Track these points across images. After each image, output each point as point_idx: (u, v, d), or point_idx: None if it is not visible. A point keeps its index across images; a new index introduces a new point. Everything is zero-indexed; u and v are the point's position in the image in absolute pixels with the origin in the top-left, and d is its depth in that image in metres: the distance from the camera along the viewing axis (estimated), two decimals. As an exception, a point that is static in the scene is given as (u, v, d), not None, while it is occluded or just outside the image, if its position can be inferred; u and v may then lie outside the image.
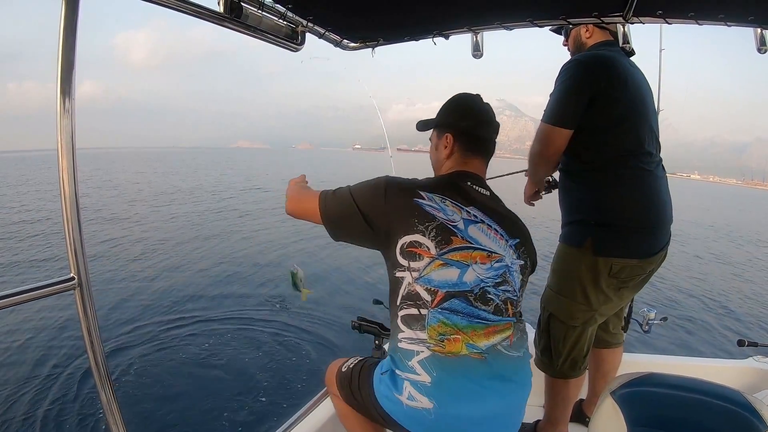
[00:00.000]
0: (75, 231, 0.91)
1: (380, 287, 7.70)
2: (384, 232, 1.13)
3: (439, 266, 1.09)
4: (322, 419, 1.84)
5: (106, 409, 1.00)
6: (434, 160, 1.36)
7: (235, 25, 1.34)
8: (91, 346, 0.96)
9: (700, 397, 0.98)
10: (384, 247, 1.15)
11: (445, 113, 1.34)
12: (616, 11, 1.37)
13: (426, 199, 1.14)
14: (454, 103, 1.35)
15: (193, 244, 11.77)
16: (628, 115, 1.58)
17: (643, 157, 1.59)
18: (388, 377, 1.14)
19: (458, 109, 1.33)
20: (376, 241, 1.17)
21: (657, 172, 1.63)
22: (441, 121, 1.33)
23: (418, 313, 1.09)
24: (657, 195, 1.61)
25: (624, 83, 1.57)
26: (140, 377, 4.71)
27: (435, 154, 1.35)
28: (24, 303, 0.87)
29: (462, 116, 1.32)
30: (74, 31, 0.86)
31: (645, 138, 1.60)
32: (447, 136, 1.29)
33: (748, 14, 1.25)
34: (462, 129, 1.31)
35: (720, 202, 46.16)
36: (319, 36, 1.62)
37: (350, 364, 1.36)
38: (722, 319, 7.15)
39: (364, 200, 1.16)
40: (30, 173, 40.20)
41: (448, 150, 1.30)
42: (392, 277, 1.14)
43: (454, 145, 1.30)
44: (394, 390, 1.10)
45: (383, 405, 1.14)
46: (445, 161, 1.31)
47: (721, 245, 15.62)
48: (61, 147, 0.87)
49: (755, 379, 2.33)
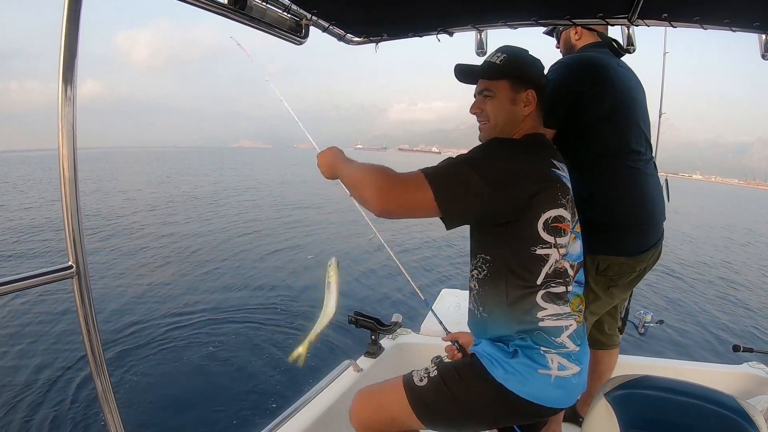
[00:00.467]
0: (74, 219, 0.91)
1: (377, 281, 7.71)
2: (521, 208, 1.03)
3: (574, 240, 1.13)
4: (314, 415, 1.85)
5: (101, 397, 1.00)
6: (503, 116, 1.18)
7: (239, 16, 1.33)
8: (88, 335, 0.96)
9: (694, 401, 0.98)
10: (514, 222, 1.05)
11: (524, 66, 1.19)
12: (621, 13, 1.37)
13: (560, 169, 1.11)
14: (534, 59, 1.21)
15: (192, 239, 11.80)
16: (612, 115, 1.58)
17: (630, 155, 1.60)
18: (523, 358, 1.08)
19: (542, 67, 1.22)
20: (502, 218, 1.05)
21: (646, 170, 1.63)
22: (521, 74, 1.18)
23: (565, 289, 1.10)
24: (645, 192, 1.62)
25: (610, 83, 1.57)
26: (136, 366, 4.73)
27: (506, 109, 1.17)
28: (22, 290, 0.87)
29: (545, 76, 1.23)
30: (77, 19, 0.86)
31: (631, 137, 1.60)
32: (530, 91, 1.16)
33: (754, 20, 1.25)
34: (543, 87, 1.20)
35: (718, 202, 46.27)
36: (323, 30, 1.62)
37: (424, 377, 1.18)
38: (718, 324, 7.16)
39: (494, 176, 1.01)
40: (38, 174, 40.13)
41: (530, 108, 1.17)
42: (530, 254, 1.06)
43: (537, 103, 1.18)
44: (538, 366, 1.07)
45: (521, 389, 1.07)
46: (522, 120, 1.18)
47: (718, 248, 15.62)
48: (62, 135, 0.87)
49: (749, 385, 2.33)
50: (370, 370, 2.27)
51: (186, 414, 3.98)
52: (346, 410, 1.25)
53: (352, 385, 2.10)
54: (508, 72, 1.16)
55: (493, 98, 1.18)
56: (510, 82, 1.16)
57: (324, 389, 2.01)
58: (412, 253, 10.52)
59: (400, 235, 12.18)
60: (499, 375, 1.08)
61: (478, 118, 1.22)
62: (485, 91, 1.19)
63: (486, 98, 1.19)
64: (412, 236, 12.25)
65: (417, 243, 11.62)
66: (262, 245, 10.95)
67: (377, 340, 2.41)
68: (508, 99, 1.17)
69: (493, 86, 1.18)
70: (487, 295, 1.15)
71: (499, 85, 1.17)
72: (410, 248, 11.05)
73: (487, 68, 1.19)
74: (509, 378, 1.07)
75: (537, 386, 1.07)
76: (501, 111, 1.17)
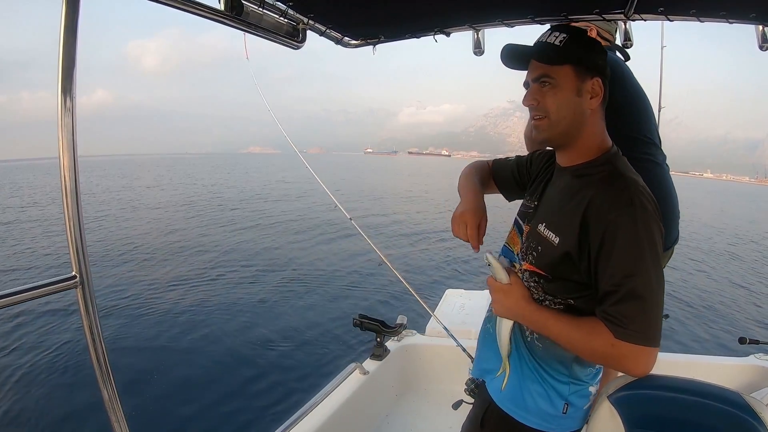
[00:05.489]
0: (76, 229, 0.92)
1: (381, 283, 7.70)
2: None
3: None
4: (322, 418, 1.84)
5: (108, 407, 1.00)
6: (567, 110, 0.97)
7: (236, 23, 1.33)
8: (93, 344, 0.96)
9: (699, 399, 0.97)
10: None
11: (590, 48, 0.99)
12: (618, 8, 1.36)
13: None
14: (598, 43, 1.02)
15: (195, 244, 11.81)
16: (629, 104, 1.57)
17: (649, 146, 1.59)
18: (576, 411, 1.05)
19: (605, 52, 1.02)
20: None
21: (665, 166, 1.64)
22: (587, 58, 0.97)
23: None
24: (669, 188, 1.62)
25: (624, 76, 1.58)
26: (142, 374, 4.73)
27: (571, 101, 0.96)
28: (26, 302, 0.87)
29: (607, 63, 1.02)
30: (75, 29, 0.86)
31: (651, 128, 1.60)
32: (596, 80, 0.97)
33: (750, 11, 1.25)
34: (607, 77, 1.01)
35: (725, 199, 46.14)
36: (320, 33, 1.62)
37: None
38: (724, 317, 7.15)
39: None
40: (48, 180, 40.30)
41: (597, 100, 0.98)
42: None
43: (603, 96, 0.99)
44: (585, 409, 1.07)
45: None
46: (590, 116, 0.99)
47: (724, 242, 15.59)
48: (63, 145, 0.87)
49: (756, 377, 2.32)
50: (376, 372, 2.27)
51: (193, 420, 3.98)
52: (353, 413, 1.25)
53: (358, 388, 2.10)
54: (572, 55, 0.96)
55: (553, 87, 0.96)
56: (574, 67, 0.96)
57: (331, 393, 2.01)
58: (415, 256, 10.52)
59: (405, 248, 12.18)
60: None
61: (533, 112, 1.01)
62: (543, 78, 0.97)
63: (544, 87, 0.98)
64: (414, 246, 12.25)
65: (418, 243, 11.61)
66: (271, 252, 10.96)
67: (383, 343, 2.41)
68: (572, 89, 0.96)
69: (553, 72, 0.96)
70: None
71: (561, 71, 0.96)
72: (412, 251, 11.04)
73: (545, 49, 0.98)
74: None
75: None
76: (565, 104, 0.96)
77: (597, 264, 0.90)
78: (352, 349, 5.19)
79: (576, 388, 1.02)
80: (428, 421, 2.31)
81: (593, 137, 1.01)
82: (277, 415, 3.83)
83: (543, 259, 1.00)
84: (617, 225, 0.88)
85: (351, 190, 30.24)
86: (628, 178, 0.94)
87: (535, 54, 1.00)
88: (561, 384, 1.01)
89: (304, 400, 1.95)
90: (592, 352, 0.93)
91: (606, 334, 0.88)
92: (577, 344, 0.94)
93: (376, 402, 2.31)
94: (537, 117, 1.00)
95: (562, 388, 1.02)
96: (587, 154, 1.01)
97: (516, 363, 1.07)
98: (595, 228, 0.90)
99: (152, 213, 18.40)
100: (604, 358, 0.93)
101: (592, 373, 1.05)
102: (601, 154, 1.00)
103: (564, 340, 0.95)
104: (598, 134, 1.01)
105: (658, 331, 0.88)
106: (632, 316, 0.86)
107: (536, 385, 1.03)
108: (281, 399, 4.28)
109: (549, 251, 0.98)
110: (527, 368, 1.05)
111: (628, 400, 0.99)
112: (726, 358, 2.54)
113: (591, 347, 0.92)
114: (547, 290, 1.00)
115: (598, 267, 0.90)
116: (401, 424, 2.29)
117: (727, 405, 0.94)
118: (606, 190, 0.92)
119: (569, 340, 0.94)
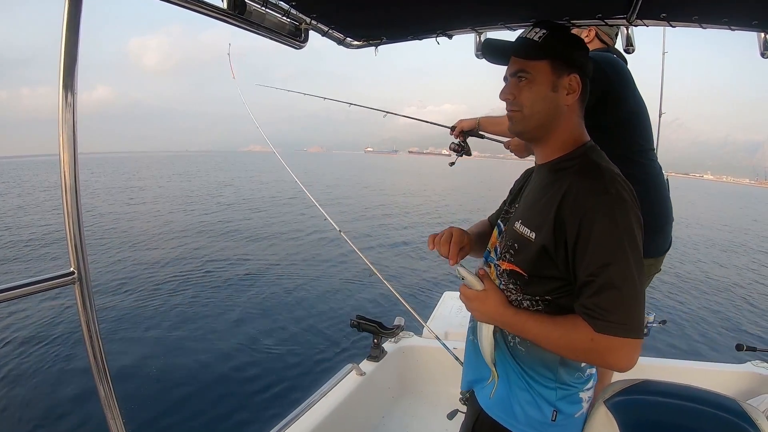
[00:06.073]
0: (75, 225, 0.91)
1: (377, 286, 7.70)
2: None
3: None
4: (318, 419, 1.84)
5: (104, 403, 1.00)
6: (541, 105, 0.97)
7: (239, 21, 1.33)
8: (90, 341, 0.96)
9: (696, 406, 0.97)
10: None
11: (569, 44, 0.99)
12: (620, 13, 1.36)
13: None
14: (578, 39, 1.03)
15: (195, 242, 11.80)
16: (636, 112, 1.61)
17: (649, 153, 1.63)
18: (564, 419, 1.03)
19: (586, 48, 1.03)
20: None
21: (659, 169, 1.66)
22: (565, 53, 0.98)
23: None
24: (663, 191, 1.63)
25: (630, 83, 1.61)
26: (139, 371, 4.72)
27: (545, 96, 0.97)
28: (24, 297, 0.87)
29: (589, 60, 1.02)
30: (77, 25, 0.86)
31: (650, 136, 1.64)
32: (574, 75, 0.97)
33: (752, 18, 1.25)
34: (588, 74, 1.00)
35: (723, 200, 46.16)
36: (323, 34, 1.62)
37: None
38: (721, 323, 7.14)
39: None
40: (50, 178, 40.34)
41: (574, 96, 0.98)
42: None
43: (581, 92, 0.99)
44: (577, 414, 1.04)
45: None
46: (566, 111, 0.99)
47: (721, 247, 15.59)
48: (63, 140, 0.87)
49: (753, 384, 2.32)
50: (373, 373, 2.27)
51: (189, 419, 3.98)
52: (349, 414, 1.25)
53: (355, 388, 2.09)
54: (550, 50, 0.96)
55: (529, 82, 0.97)
56: (551, 63, 0.96)
57: (327, 393, 2.01)
58: (412, 259, 10.52)
59: (395, 258, 12.17)
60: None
61: (509, 105, 1.02)
62: (520, 73, 0.98)
63: (520, 82, 0.98)
64: (403, 255, 12.24)
65: (411, 247, 11.61)
66: (270, 251, 10.96)
67: (380, 344, 2.41)
68: (548, 84, 0.96)
69: (530, 67, 0.97)
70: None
71: (537, 66, 0.96)
72: (410, 256, 11.05)
73: (523, 45, 0.99)
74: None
75: None
76: (539, 98, 0.97)
77: (574, 256, 0.88)
78: (349, 349, 5.19)
79: (564, 393, 0.99)
80: (424, 423, 2.30)
81: (569, 132, 1.00)
82: (274, 414, 3.82)
83: (520, 255, 0.98)
84: (593, 214, 0.86)
85: (351, 189, 30.19)
86: (603, 168, 0.93)
87: (513, 49, 1.01)
88: (548, 389, 0.99)
89: (300, 399, 1.95)
90: (573, 349, 0.90)
91: (585, 328, 0.85)
92: (558, 343, 0.91)
93: (372, 403, 2.30)
94: (512, 110, 1.01)
95: (549, 393, 0.99)
96: (563, 149, 1.00)
97: (503, 370, 1.05)
98: (570, 219, 0.88)
99: (151, 212, 18.37)
100: (586, 355, 0.90)
101: (582, 378, 1.01)
102: (576, 147, 1.00)
103: (544, 340, 0.93)
104: (574, 129, 1.01)
105: (640, 323, 0.85)
106: (611, 307, 0.83)
107: (524, 393, 1.01)
108: (278, 398, 4.28)
109: (526, 248, 0.97)
110: (514, 375, 1.03)
111: (624, 405, 0.99)
112: (723, 365, 2.54)
113: (571, 344, 0.89)
114: (526, 290, 0.98)
115: (576, 259, 0.88)
116: (397, 426, 2.29)
117: (723, 412, 0.94)
118: (581, 181, 0.91)
119: (549, 340, 0.92)
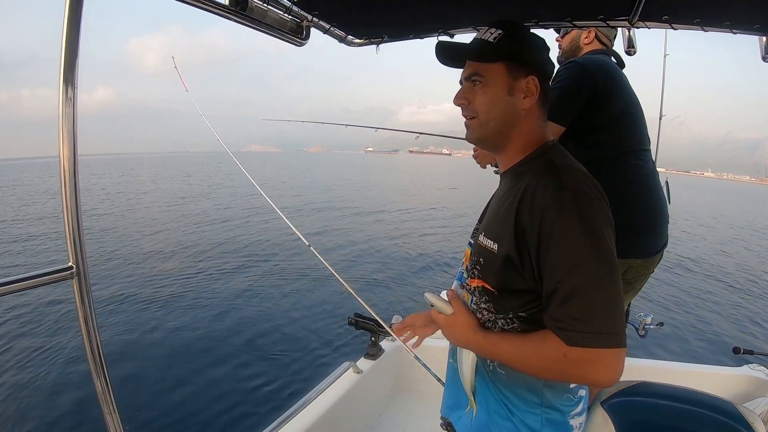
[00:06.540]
0: (74, 220, 0.91)
1: (374, 284, 7.70)
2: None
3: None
4: (314, 416, 1.84)
5: (101, 398, 1.00)
6: (497, 110, 0.92)
7: (240, 18, 1.33)
8: (88, 335, 0.96)
9: (693, 408, 0.97)
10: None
11: (526, 45, 0.93)
12: (622, 15, 1.36)
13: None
14: (538, 39, 0.96)
15: (192, 238, 11.79)
16: (628, 113, 1.62)
17: (641, 154, 1.64)
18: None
19: (546, 49, 0.96)
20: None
21: (653, 170, 1.66)
22: (521, 55, 0.92)
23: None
24: (656, 192, 1.64)
25: (621, 85, 1.63)
26: (136, 367, 4.72)
27: (500, 100, 0.91)
28: (22, 291, 0.87)
29: (550, 61, 0.97)
30: (78, 20, 0.86)
31: (643, 136, 1.66)
32: (531, 78, 0.91)
33: (754, 22, 1.25)
34: (548, 76, 0.95)
35: (722, 198, 46.00)
36: (324, 31, 1.62)
37: None
38: (719, 326, 7.15)
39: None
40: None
41: (531, 100, 0.92)
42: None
43: (540, 95, 0.93)
44: None
45: None
46: (523, 115, 0.93)
47: (720, 249, 15.60)
48: (63, 135, 0.87)
49: (750, 387, 2.33)
50: (370, 371, 2.27)
51: (186, 415, 3.98)
52: (346, 411, 1.25)
53: (351, 386, 2.10)
54: (505, 52, 0.90)
55: (483, 86, 0.92)
56: (507, 65, 0.91)
57: (324, 391, 2.01)
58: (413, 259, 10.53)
59: (396, 257, 12.18)
60: None
61: (464, 111, 0.96)
62: (473, 77, 0.93)
63: (474, 86, 0.93)
64: (403, 254, 12.24)
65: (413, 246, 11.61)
66: (267, 250, 10.94)
67: (377, 342, 2.41)
68: (504, 87, 0.91)
69: (484, 70, 0.91)
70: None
71: (492, 69, 0.91)
72: (411, 255, 11.05)
73: (477, 47, 0.93)
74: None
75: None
76: (494, 103, 0.91)
77: (538, 262, 0.81)
78: (346, 347, 5.19)
79: (549, 416, 0.90)
80: (421, 422, 2.31)
81: (529, 135, 0.94)
82: (270, 411, 3.83)
83: (486, 270, 0.92)
84: (551, 213, 0.79)
85: (349, 189, 30.17)
86: (561, 165, 0.87)
87: (467, 51, 0.95)
88: (533, 415, 0.91)
89: (297, 396, 1.95)
90: (548, 368, 0.81)
91: (556, 343, 0.77)
92: (530, 363, 0.83)
93: (369, 401, 2.31)
94: (467, 117, 0.96)
95: (533, 420, 0.91)
96: (523, 152, 0.95)
97: (482, 397, 0.99)
98: (529, 223, 0.82)
99: (151, 210, 18.37)
100: (563, 373, 0.80)
101: (571, 401, 0.92)
102: (536, 149, 0.94)
103: (517, 362, 0.85)
104: (534, 132, 0.95)
105: (617, 329, 0.75)
106: (581, 315, 0.75)
107: (505, 421, 0.93)
108: (274, 395, 4.28)
109: (490, 261, 0.91)
110: (493, 402, 0.96)
111: (621, 406, 0.99)
112: (720, 368, 2.54)
113: (544, 362, 0.81)
114: (498, 307, 0.92)
115: (540, 265, 0.81)
116: (394, 424, 2.29)
117: (720, 414, 0.95)
118: (537, 182, 0.85)
119: (521, 361, 0.84)
